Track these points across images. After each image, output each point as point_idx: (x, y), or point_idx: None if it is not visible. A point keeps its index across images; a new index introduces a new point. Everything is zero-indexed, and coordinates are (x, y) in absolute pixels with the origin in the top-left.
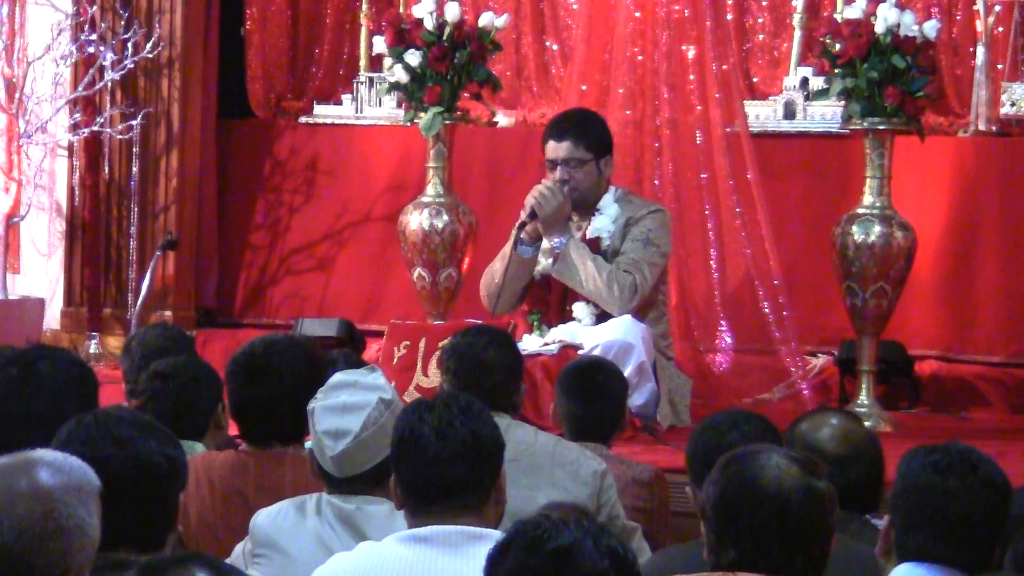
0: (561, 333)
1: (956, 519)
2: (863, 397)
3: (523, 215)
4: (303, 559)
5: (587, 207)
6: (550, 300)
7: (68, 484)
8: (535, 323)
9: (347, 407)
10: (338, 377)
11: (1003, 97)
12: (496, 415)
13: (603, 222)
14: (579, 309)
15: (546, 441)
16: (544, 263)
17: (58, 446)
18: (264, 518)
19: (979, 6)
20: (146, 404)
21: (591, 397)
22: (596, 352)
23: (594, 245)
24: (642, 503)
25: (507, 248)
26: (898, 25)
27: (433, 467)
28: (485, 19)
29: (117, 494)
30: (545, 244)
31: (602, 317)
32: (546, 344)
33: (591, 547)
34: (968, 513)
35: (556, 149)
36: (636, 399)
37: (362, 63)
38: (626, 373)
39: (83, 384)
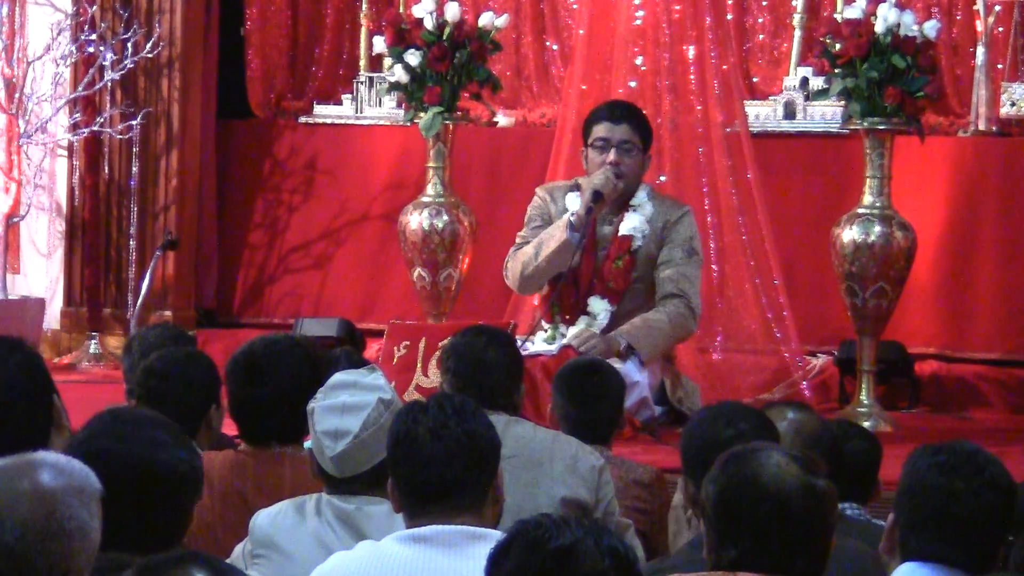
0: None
1: (960, 520)
2: (863, 397)
3: (587, 199)
4: (303, 559)
5: (622, 201)
6: (576, 292)
7: (70, 486)
8: (555, 313)
9: (347, 407)
10: (338, 377)
11: (1003, 97)
12: (495, 414)
13: (637, 221)
14: (595, 303)
15: (544, 436)
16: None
17: (83, 440)
18: (264, 518)
19: (979, 6)
20: (139, 403)
21: (588, 398)
22: None
23: (625, 244)
24: (642, 504)
25: (554, 232)
26: (898, 25)
27: (429, 468)
28: (485, 19)
29: (133, 498)
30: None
31: (615, 317)
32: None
33: (592, 546)
34: (973, 514)
35: (613, 130)
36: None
37: (362, 63)
38: (626, 405)
39: (34, 383)
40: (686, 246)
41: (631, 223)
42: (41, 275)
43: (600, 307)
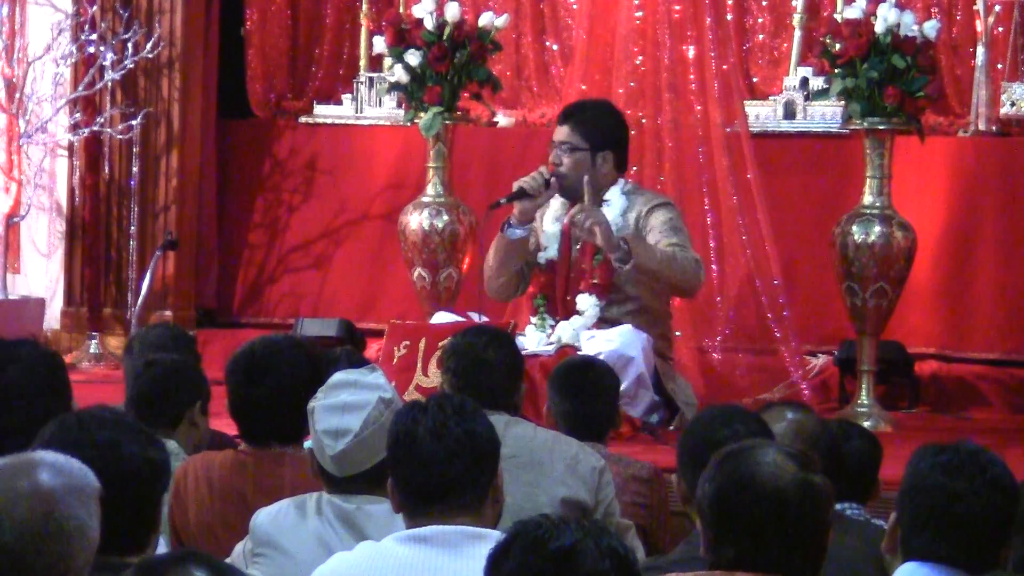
0: (564, 334)
1: (962, 520)
2: (863, 397)
3: (511, 193)
4: (303, 559)
5: (579, 197)
6: (556, 286)
7: (69, 485)
8: (540, 308)
9: (347, 406)
10: (338, 376)
11: (1003, 97)
12: (495, 414)
13: (610, 214)
14: (582, 300)
15: (545, 437)
16: (551, 249)
17: (40, 446)
18: (264, 517)
19: (979, 6)
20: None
21: (583, 395)
22: None
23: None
24: (642, 499)
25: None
26: (898, 25)
27: (429, 468)
28: (485, 19)
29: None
30: (552, 229)
31: (606, 308)
32: (549, 343)
33: (592, 547)
34: (975, 515)
35: (556, 131)
36: (633, 411)
37: (362, 63)
38: (624, 385)
39: (54, 381)
40: (666, 228)
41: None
42: (41, 275)
43: (587, 303)
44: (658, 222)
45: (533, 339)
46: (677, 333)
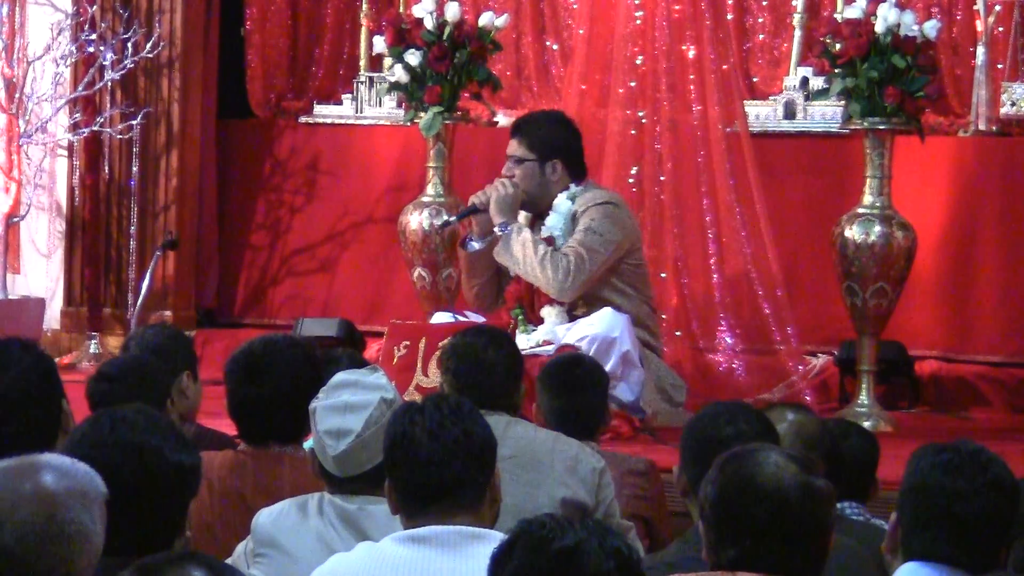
0: (544, 335)
1: (963, 520)
2: (863, 397)
3: (474, 204)
4: (305, 559)
5: (537, 208)
6: (526, 295)
7: (72, 489)
8: (519, 319)
9: (349, 407)
10: (340, 377)
11: (1003, 97)
12: (495, 414)
13: (555, 220)
14: (547, 312)
15: (546, 437)
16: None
17: (70, 447)
18: (266, 517)
19: (979, 6)
20: (94, 408)
21: (572, 390)
22: (582, 346)
23: (549, 245)
24: (641, 491)
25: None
26: (898, 25)
27: (427, 468)
28: (485, 19)
29: (130, 501)
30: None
31: (574, 319)
32: (545, 343)
33: (596, 547)
34: (975, 514)
35: (509, 144)
36: (624, 392)
37: (362, 63)
38: (609, 365)
39: (45, 387)
40: (584, 227)
41: (549, 223)
42: (41, 275)
43: (551, 313)
44: (583, 222)
45: (523, 342)
46: (677, 333)
